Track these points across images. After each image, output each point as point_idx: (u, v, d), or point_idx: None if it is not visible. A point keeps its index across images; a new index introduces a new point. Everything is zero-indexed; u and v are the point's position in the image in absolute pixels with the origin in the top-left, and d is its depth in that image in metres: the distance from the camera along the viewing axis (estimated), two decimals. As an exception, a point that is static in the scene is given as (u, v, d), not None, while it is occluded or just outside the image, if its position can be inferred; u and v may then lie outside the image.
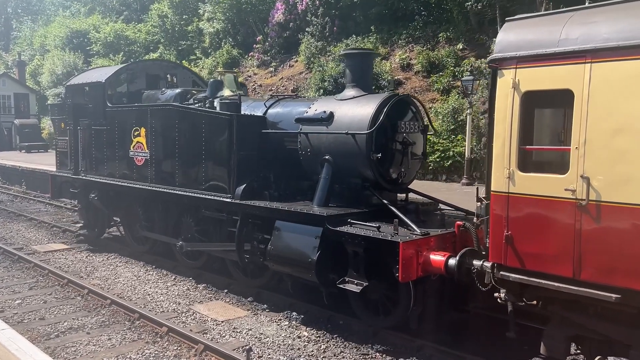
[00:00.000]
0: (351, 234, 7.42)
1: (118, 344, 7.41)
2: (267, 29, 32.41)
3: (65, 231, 14.46)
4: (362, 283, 7.41)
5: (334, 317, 8.19)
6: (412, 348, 7.27)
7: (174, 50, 37.71)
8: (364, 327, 7.82)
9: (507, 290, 6.41)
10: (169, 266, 10.92)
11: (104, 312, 8.59)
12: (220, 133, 9.07)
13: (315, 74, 25.70)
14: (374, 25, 28.29)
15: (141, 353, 7.09)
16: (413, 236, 7.15)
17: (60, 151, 12.86)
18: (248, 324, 8.07)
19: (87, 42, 45.32)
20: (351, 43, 27.75)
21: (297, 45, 30.62)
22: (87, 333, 7.76)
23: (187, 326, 7.92)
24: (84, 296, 9.31)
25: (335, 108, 8.52)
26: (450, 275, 6.97)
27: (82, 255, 12.15)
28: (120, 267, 11.19)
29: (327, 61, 27.36)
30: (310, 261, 7.72)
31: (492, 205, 6.33)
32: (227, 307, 8.78)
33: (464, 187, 17.33)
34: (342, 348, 7.35)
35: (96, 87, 11.50)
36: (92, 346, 7.32)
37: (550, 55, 5.79)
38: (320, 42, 29.52)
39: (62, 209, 18.32)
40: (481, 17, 24.93)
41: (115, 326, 8.03)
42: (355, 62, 8.71)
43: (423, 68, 25.30)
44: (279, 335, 7.68)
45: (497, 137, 6.24)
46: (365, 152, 8.00)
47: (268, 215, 8.48)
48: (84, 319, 8.27)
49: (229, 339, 7.51)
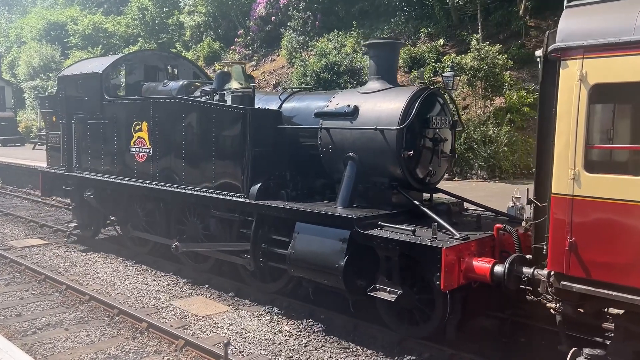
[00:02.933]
0: (384, 238, 6.54)
1: (97, 340, 7.02)
2: (249, 22, 31.24)
3: (42, 226, 13.60)
4: (396, 291, 6.55)
5: (316, 311, 7.76)
6: (391, 343, 6.87)
7: (154, 44, 36.13)
8: (345, 321, 7.38)
9: (564, 300, 5.65)
10: (149, 261, 10.28)
11: (83, 308, 8.10)
12: (234, 128, 8.08)
13: (297, 68, 24.82)
14: (356, 20, 27.42)
15: (121, 349, 6.73)
16: (454, 241, 6.31)
17: (51, 146, 11.56)
18: (229, 319, 7.65)
19: (64, 34, 43.29)
20: (333, 38, 26.90)
21: (279, 39, 29.59)
22: (65, 329, 7.32)
23: (167, 322, 7.51)
24: (62, 292, 8.75)
25: (360, 102, 7.61)
26: (496, 283, 6.16)
27: (60, 250, 11.39)
28: (100, 262, 10.51)
29: (309, 56, 26.45)
30: (336, 267, 6.82)
31: (553, 209, 5.49)
32: (208, 303, 8.29)
33: (445, 182, 16.61)
34: (324, 342, 6.96)
35: (92, 79, 10.30)
36: (71, 342, 6.91)
37: (625, 44, 4.97)
38: (302, 36, 28.56)
39: (40, 203, 17.26)
40: (462, 13, 24.38)
41: (94, 322, 7.59)
42: (380, 53, 7.77)
43: (405, 63, 24.67)
44: (260, 330, 7.29)
45: (560, 134, 5.40)
46: (395, 150, 7.12)
47: (288, 217, 7.55)
48: (62, 315, 7.81)
49: (209, 334, 7.12)
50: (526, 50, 21.56)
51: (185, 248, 9.14)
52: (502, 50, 20.88)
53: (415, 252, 6.37)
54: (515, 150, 18.36)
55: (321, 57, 24.83)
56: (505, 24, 23.31)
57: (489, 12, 23.84)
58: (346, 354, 6.65)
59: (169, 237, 9.47)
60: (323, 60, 24.26)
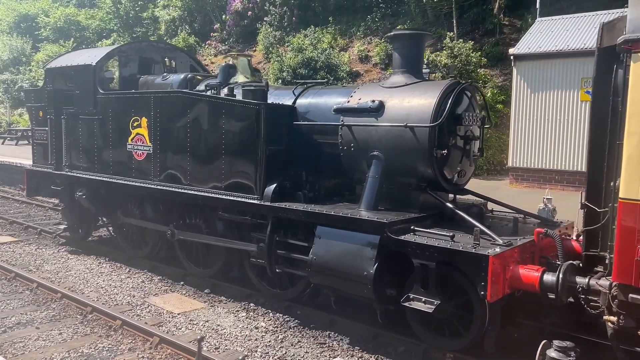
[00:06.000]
0: (421, 245, 5.76)
1: (69, 338, 6.61)
2: (225, 17, 29.97)
3: (12, 223, 12.58)
4: (433, 301, 5.78)
5: (292, 307, 7.41)
6: (367, 338, 6.53)
7: (128, 38, 34.43)
8: (321, 317, 7.04)
9: (628, 314, 4.98)
10: (123, 258, 9.62)
11: (55, 306, 7.61)
12: (246, 124, 7.14)
13: (274, 64, 23.89)
14: (333, 16, 26.56)
15: (94, 347, 6.34)
16: (497, 248, 5.57)
17: (38, 143, 10.27)
18: (205, 315, 7.29)
19: (35, 27, 40.96)
20: (309, 34, 25.99)
21: (255, 34, 28.47)
22: (36, 328, 6.87)
23: (142, 319, 7.12)
24: (33, 290, 8.19)
25: (385, 97, 6.78)
26: (546, 293, 5.46)
27: (30, 248, 10.57)
28: (72, 260, 9.77)
29: (285, 51, 25.50)
30: (365, 275, 6.01)
31: (621, 215, 4.81)
32: (184, 300, 7.87)
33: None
34: (300, 337, 6.65)
35: (85, 71, 9.10)
36: (42, 341, 6.49)
37: None
38: (278, 32, 27.52)
39: (9, 200, 16.08)
40: (438, 11, 23.76)
41: (67, 320, 7.14)
42: (405, 45, 6.93)
43: (381, 60, 24.06)
44: (236, 326, 6.94)
45: (630, 134, 4.70)
46: (427, 148, 6.33)
47: (309, 221, 6.69)
48: (33, 314, 7.32)
49: (185, 331, 6.78)
50: (500, 48, 21.16)
51: (182, 236, 8.23)
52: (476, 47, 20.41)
53: (456, 260, 5.61)
54: (489, 146, 17.89)
55: (298, 53, 23.98)
56: (479, 22, 22.85)
57: (464, 10, 23.34)
58: (322, 349, 6.34)
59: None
60: (300, 56, 23.42)
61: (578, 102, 14.89)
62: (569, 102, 15.08)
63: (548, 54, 15.26)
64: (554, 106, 15.26)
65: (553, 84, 15.33)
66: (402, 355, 6.20)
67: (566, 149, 15.20)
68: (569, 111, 15.06)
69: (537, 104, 15.51)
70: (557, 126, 15.19)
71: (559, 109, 15.20)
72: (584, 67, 14.71)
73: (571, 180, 15.17)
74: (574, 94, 15.01)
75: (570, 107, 15.05)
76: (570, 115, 15.02)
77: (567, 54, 14.90)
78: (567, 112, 15.10)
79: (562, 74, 15.18)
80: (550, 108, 15.33)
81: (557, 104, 15.22)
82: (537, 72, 15.56)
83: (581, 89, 14.92)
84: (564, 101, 15.16)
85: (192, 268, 8.54)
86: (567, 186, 15.21)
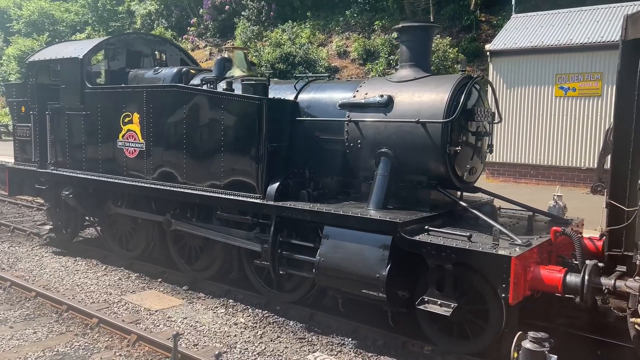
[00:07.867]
0: (438, 245, 5.37)
1: (44, 337, 6.35)
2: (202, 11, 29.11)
3: None
4: (450, 304, 5.41)
5: (271, 302, 7.17)
6: (347, 332, 6.34)
7: (103, 32, 33.23)
8: (300, 311, 6.83)
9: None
10: (99, 256, 9.22)
11: (29, 305, 7.33)
12: (246, 120, 6.63)
13: (252, 58, 23.30)
14: (311, 11, 26.04)
15: (70, 346, 6.09)
16: (517, 248, 5.22)
17: (20, 140, 9.50)
18: (183, 312, 7.04)
19: (7, 19, 39.27)
20: (287, 29, 25.46)
21: (233, 29, 27.76)
22: (10, 327, 6.59)
23: (119, 317, 6.86)
24: (6, 289, 7.85)
25: (394, 92, 6.35)
26: (569, 295, 5.13)
27: (3, 246, 10.04)
28: (47, 257, 9.33)
29: (263, 46, 24.90)
30: (377, 277, 5.59)
31: (654, 215, 4.51)
32: (161, 297, 7.58)
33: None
34: (279, 333, 6.47)
35: (71, 64, 8.40)
36: (16, 340, 6.23)
37: None
38: (256, 26, 26.88)
39: None
40: (415, 6, 23.49)
41: (41, 319, 6.87)
42: (413, 38, 6.49)
43: (359, 55, 23.72)
44: (215, 322, 6.71)
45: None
46: (440, 145, 5.93)
47: (316, 220, 6.23)
48: (6, 313, 7.03)
49: (163, 328, 6.53)
50: (477, 44, 21.00)
51: (179, 226, 7.69)
52: (453, 43, 20.18)
53: (475, 262, 5.24)
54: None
55: (275, 48, 23.46)
56: (457, 18, 22.65)
57: (441, 6, 23.11)
58: (302, 344, 6.17)
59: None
60: (277, 51, 22.92)
61: (553, 98, 14.79)
62: (543, 97, 14.97)
63: (523, 50, 15.12)
64: (529, 102, 15.15)
65: (528, 80, 15.21)
66: (381, 348, 6.01)
67: (541, 144, 15.10)
68: (544, 106, 14.95)
69: (512, 99, 15.38)
70: (532, 121, 15.07)
71: (534, 104, 15.09)
72: (558, 63, 14.61)
73: (546, 174, 15.10)
74: (548, 89, 14.90)
75: (545, 103, 14.94)
76: (545, 111, 14.91)
77: (542, 50, 14.78)
78: (542, 107, 14.99)
79: (537, 69, 15.05)
80: (526, 103, 15.21)
81: (532, 100, 15.10)
82: (513, 68, 15.41)
83: (555, 85, 14.82)
84: (538, 97, 15.05)
85: (191, 272, 7.98)
86: (542, 180, 15.14)
